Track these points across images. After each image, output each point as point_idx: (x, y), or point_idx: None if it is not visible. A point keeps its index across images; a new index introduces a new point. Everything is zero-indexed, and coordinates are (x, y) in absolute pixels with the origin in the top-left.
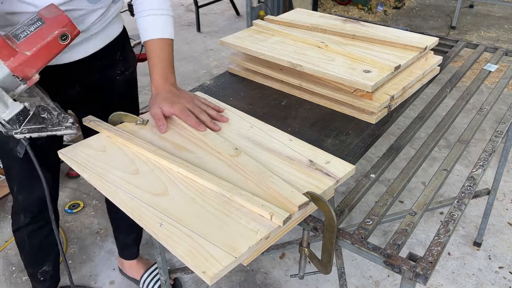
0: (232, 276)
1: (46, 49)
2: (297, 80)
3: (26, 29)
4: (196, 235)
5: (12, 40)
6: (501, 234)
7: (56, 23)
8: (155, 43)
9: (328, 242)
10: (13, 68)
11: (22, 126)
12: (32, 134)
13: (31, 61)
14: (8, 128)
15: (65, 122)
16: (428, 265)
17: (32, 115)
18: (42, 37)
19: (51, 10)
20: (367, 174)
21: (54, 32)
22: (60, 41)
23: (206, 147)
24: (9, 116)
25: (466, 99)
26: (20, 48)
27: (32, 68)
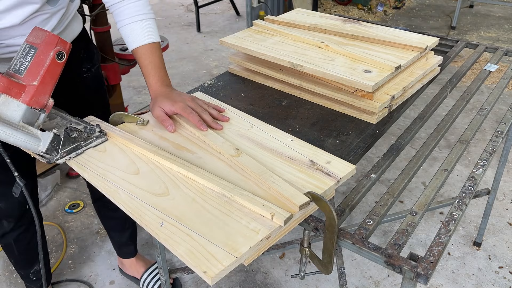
0: (232, 276)
1: (49, 73)
2: (297, 80)
3: (23, 61)
4: (197, 235)
5: (15, 76)
6: (501, 234)
7: (48, 45)
8: (145, 49)
9: (329, 242)
10: (28, 102)
11: (60, 152)
12: (71, 155)
13: (41, 89)
14: (48, 157)
15: (93, 133)
16: (429, 265)
17: (64, 139)
18: (41, 63)
19: (37, 34)
20: (368, 174)
21: (50, 54)
22: (57, 60)
23: (207, 147)
24: (45, 147)
25: (466, 99)
26: (26, 81)
27: (44, 95)
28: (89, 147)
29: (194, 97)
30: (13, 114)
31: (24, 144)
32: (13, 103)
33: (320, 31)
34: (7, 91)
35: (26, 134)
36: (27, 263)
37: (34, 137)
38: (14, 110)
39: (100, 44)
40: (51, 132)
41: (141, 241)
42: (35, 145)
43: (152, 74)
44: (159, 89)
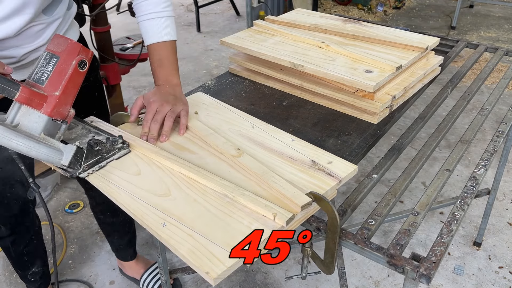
0: (232, 276)
1: (71, 83)
2: (298, 81)
3: (44, 71)
4: (199, 235)
5: (37, 86)
6: (501, 234)
7: (70, 54)
8: (154, 47)
9: (331, 242)
10: (49, 113)
11: (82, 165)
12: (93, 168)
13: (63, 100)
14: (71, 171)
15: (116, 144)
16: (431, 265)
17: (86, 152)
18: (63, 72)
19: (59, 42)
20: (369, 174)
21: (72, 63)
22: (80, 69)
23: (208, 148)
24: (68, 160)
25: (467, 99)
26: (48, 91)
27: (66, 106)
28: (111, 159)
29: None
30: (34, 125)
31: (47, 158)
32: (34, 115)
33: (320, 31)
34: (29, 102)
35: (48, 147)
36: (25, 265)
37: (57, 150)
38: (35, 122)
39: (100, 44)
40: (73, 145)
41: (141, 241)
42: (58, 159)
43: (157, 71)
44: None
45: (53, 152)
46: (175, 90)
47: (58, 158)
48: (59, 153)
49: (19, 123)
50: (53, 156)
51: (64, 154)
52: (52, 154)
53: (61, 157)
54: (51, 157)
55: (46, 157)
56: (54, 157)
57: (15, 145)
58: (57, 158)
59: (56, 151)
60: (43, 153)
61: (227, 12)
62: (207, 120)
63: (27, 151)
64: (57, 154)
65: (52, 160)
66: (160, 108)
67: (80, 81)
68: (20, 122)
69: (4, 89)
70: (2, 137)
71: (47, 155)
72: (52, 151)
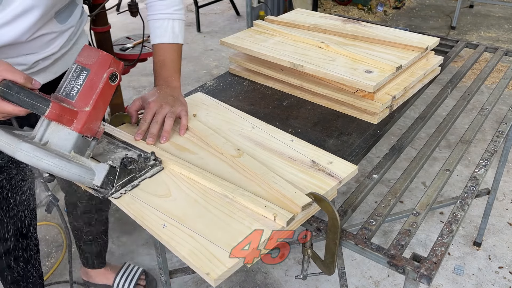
0: (232, 276)
1: (102, 97)
2: (298, 81)
3: (74, 84)
4: (199, 236)
5: (66, 100)
6: (501, 234)
7: (101, 66)
8: (159, 48)
9: (331, 242)
10: (80, 129)
11: (115, 185)
12: (126, 188)
13: (94, 115)
14: (103, 192)
15: (148, 161)
16: (432, 265)
17: (120, 171)
18: (94, 86)
19: (89, 54)
20: (370, 174)
21: (103, 76)
22: (111, 82)
23: (208, 148)
24: (100, 180)
25: (467, 99)
26: (78, 107)
27: (96, 122)
28: (144, 177)
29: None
30: (64, 143)
31: (78, 178)
32: (64, 131)
33: (320, 31)
34: (59, 119)
35: (80, 167)
36: None
37: (88, 170)
38: (65, 139)
39: (100, 44)
40: (106, 164)
41: (141, 241)
42: (90, 179)
43: (158, 72)
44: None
45: (85, 172)
46: (174, 91)
47: (90, 178)
48: (91, 173)
49: (48, 140)
50: (85, 176)
51: (96, 173)
52: (84, 174)
53: (93, 177)
54: (82, 177)
55: (78, 178)
56: (86, 177)
57: (45, 165)
58: (89, 178)
59: (88, 171)
60: (75, 173)
61: (227, 12)
62: (207, 121)
63: (58, 171)
64: (89, 174)
65: (84, 180)
66: (159, 109)
67: (111, 95)
68: (49, 140)
69: (34, 106)
70: (32, 157)
71: (79, 176)
72: (84, 171)
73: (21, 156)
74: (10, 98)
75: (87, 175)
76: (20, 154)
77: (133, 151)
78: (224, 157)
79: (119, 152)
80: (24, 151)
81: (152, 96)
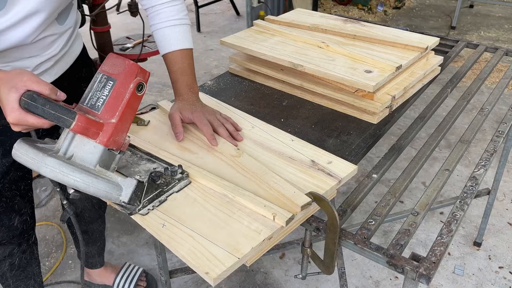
0: (232, 276)
1: (129, 108)
2: (298, 80)
3: (100, 95)
4: (199, 236)
5: (91, 112)
6: (501, 234)
7: (128, 76)
8: (176, 55)
9: (330, 242)
10: (106, 142)
11: (142, 200)
12: (153, 203)
13: (120, 127)
14: (130, 208)
15: (175, 175)
16: (431, 265)
17: (147, 186)
18: (120, 97)
19: (114, 63)
20: (369, 174)
21: (130, 86)
22: (137, 93)
23: (208, 148)
24: (128, 196)
25: (467, 99)
26: (104, 118)
27: (122, 134)
28: (171, 192)
29: (216, 111)
30: (89, 157)
31: (105, 194)
32: (89, 145)
33: (320, 31)
34: (85, 132)
35: (107, 182)
36: None
37: (115, 186)
38: (91, 153)
39: (100, 44)
40: (133, 179)
41: (141, 241)
42: (117, 195)
43: (180, 80)
44: (185, 95)
45: (112, 187)
46: (198, 97)
47: (117, 194)
48: (118, 189)
49: (73, 154)
50: (112, 192)
51: (123, 189)
52: (111, 190)
53: (120, 193)
54: (109, 194)
55: (105, 194)
56: (113, 193)
57: (71, 181)
58: (116, 194)
59: (115, 186)
60: (102, 189)
61: (227, 12)
62: None
63: (85, 187)
64: (116, 190)
65: (111, 196)
66: (211, 118)
67: (137, 105)
68: (74, 154)
69: (59, 118)
70: (58, 173)
71: (106, 191)
72: (111, 187)
73: (46, 171)
74: (34, 110)
75: (114, 191)
76: (45, 170)
77: (158, 163)
78: (224, 156)
79: (143, 165)
80: (50, 166)
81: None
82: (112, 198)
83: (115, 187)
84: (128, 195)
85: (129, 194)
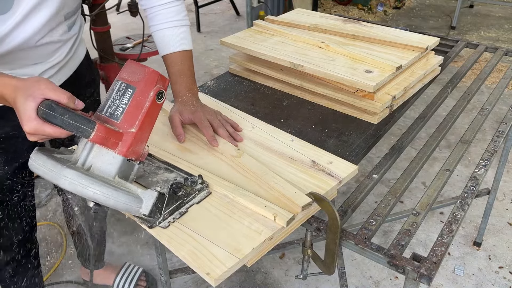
0: (232, 276)
1: (149, 117)
2: (298, 81)
3: (119, 104)
4: (199, 236)
5: (110, 121)
6: (501, 234)
7: (148, 84)
8: (175, 57)
9: (331, 242)
10: (125, 153)
11: (163, 213)
12: (174, 215)
13: (139, 137)
14: (151, 221)
15: (195, 185)
16: (432, 265)
17: (168, 197)
18: (140, 106)
19: (134, 70)
20: (370, 174)
21: (150, 94)
22: (157, 101)
23: (209, 148)
24: (148, 209)
25: (467, 99)
26: (123, 128)
27: (142, 144)
28: (192, 203)
29: (216, 111)
30: (108, 168)
31: (125, 207)
32: (108, 155)
33: (320, 31)
34: (104, 142)
35: (127, 194)
36: None
37: (135, 198)
38: (110, 163)
39: (100, 44)
40: (154, 191)
41: (141, 241)
42: (137, 207)
43: (179, 82)
44: (184, 96)
45: (132, 200)
46: (198, 98)
47: (138, 206)
48: (139, 201)
49: (91, 165)
50: (132, 205)
51: (143, 201)
52: (131, 203)
53: (140, 205)
54: (129, 206)
55: (125, 206)
56: (133, 206)
57: (91, 194)
58: (136, 207)
59: (135, 199)
60: (122, 202)
61: (227, 12)
62: None
63: (105, 200)
64: (137, 202)
65: (131, 209)
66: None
67: (157, 114)
68: (93, 164)
69: (78, 128)
70: (77, 185)
71: (126, 204)
72: (131, 199)
73: (65, 183)
74: (53, 120)
75: (135, 204)
76: (64, 182)
77: (176, 173)
78: (224, 157)
79: (161, 174)
80: (69, 179)
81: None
82: (132, 210)
83: (135, 199)
84: (149, 208)
85: (149, 207)
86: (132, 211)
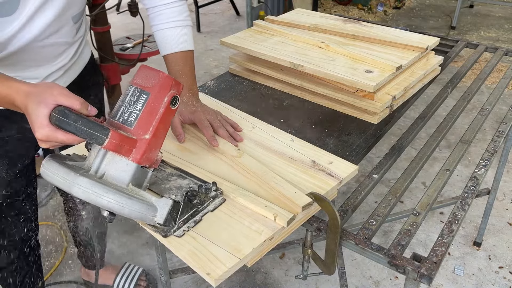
0: (232, 276)
1: (163, 123)
2: (298, 81)
3: (133, 110)
4: (200, 236)
5: (124, 128)
6: (501, 234)
7: (162, 89)
8: (177, 57)
9: (332, 242)
10: (139, 160)
11: (177, 221)
12: (188, 224)
13: (153, 144)
14: (165, 230)
15: (209, 192)
16: (432, 265)
17: (183, 205)
18: (154, 111)
19: (147, 75)
20: (370, 174)
21: (164, 100)
22: (171, 107)
23: (209, 148)
24: (163, 218)
25: (467, 99)
26: (137, 135)
27: (155, 150)
28: (206, 211)
29: (216, 111)
30: (121, 175)
31: (140, 216)
32: (122, 162)
33: (320, 31)
34: (118, 149)
35: (141, 203)
36: None
37: (150, 206)
38: (123, 171)
39: (100, 44)
40: (169, 199)
41: (141, 241)
42: (151, 216)
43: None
44: (183, 97)
45: (146, 208)
46: (198, 98)
47: (152, 215)
48: (153, 209)
49: (105, 172)
50: (147, 214)
51: (158, 210)
52: (145, 211)
53: (155, 214)
54: (144, 215)
55: (140, 215)
56: (147, 215)
57: (105, 203)
58: (151, 215)
59: (150, 207)
60: (136, 211)
61: (227, 12)
62: None
63: (119, 209)
64: (151, 211)
65: (145, 218)
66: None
67: (170, 120)
68: (106, 172)
69: (92, 135)
70: (91, 193)
71: (140, 213)
72: (146, 208)
73: (78, 192)
74: (66, 127)
75: (149, 212)
76: (77, 190)
77: (189, 179)
78: (225, 157)
79: (174, 181)
80: (82, 187)
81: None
82: (146, 219)
83: (150, 208)
84: (164, 216)
85: (164, 215)
86: (146, 220)
